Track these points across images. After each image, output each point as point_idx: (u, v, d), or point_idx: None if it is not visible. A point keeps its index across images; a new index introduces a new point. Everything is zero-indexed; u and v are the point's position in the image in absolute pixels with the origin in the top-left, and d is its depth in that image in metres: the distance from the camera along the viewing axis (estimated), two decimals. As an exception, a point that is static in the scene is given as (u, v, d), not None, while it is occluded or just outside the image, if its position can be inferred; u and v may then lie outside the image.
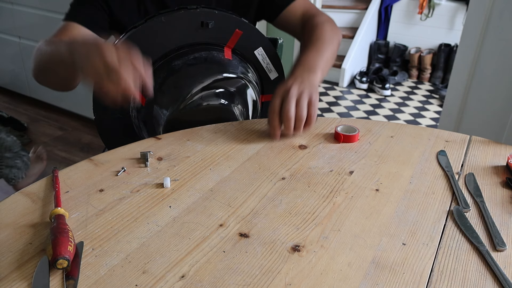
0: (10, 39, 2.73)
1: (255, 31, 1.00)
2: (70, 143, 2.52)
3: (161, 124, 0.93)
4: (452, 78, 1.81)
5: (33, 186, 0.70)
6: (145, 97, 0.95)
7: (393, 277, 0.55)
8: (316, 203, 0.69)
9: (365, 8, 3.52)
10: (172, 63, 0.95)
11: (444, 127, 1.87)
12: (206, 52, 0.97)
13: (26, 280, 0.53)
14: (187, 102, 0.92)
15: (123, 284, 0.53)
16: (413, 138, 0.90)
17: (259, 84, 1.06)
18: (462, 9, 3.33)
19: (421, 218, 0.66)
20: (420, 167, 0.80)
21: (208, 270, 0.55)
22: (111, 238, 0.60)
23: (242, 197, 0.70)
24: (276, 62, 1.06)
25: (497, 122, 1.72)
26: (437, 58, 3.49)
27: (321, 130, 0.92)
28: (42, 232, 0.60)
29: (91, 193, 0.69)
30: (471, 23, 1.69)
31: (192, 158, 0.80)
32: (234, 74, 0.96)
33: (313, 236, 0.62)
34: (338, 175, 0.76)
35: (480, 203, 0.70)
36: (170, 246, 0.59)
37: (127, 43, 0.72)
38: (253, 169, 0.77)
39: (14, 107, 2.88)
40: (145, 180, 0.73)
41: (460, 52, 1.76)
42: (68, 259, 0.53)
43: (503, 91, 1.67)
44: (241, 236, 0.61)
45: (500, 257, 0.59)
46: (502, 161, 0.83)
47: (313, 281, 0.54)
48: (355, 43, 3.39)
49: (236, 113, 0.97)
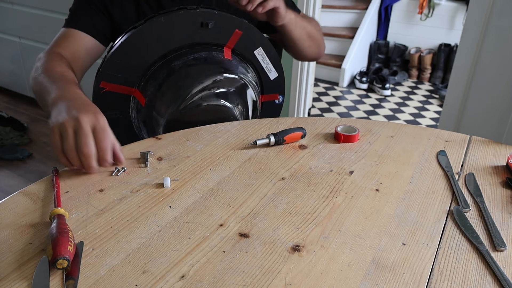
0: (10, 39, 2.73)
1: (255, 31, 1.00)
2: (70, 143, 2.52)
3: (161, 124, 0.93)
4: (452, 78, 1.81)
5: (33, 186, 0.70)
6: (145, 97, 0.95)
7: (393, 277, 0.55)
8: (316, 203, 0.69)
9: (365, 8, 3.52)
10: (172, 63, 0.95)
11: (444, 127, 1.87)
12: (206, 52, 0.97)
13: (26, 280, 0.53)
14: (187, 102, 0.92)
15: (123, 284, 0.53)
16: (413, 138, 0.90)
17: (259, 84, 1.06)
18: (462, 9, 3.33)
19: (421, 218, 0.66)
20: (420, 167, 0.80)
21: (208, 270, 0.55)
22: (111, 238, 0.60)
23: (242, 197, 0.70)
24: (276, 62, 1.06)
25: (497, 122, 1.72)
26: (437, 58, 3.49)
27: (321, 130, 0.92)
28: (42, 232, 0.60)
29: (91, 193, 0.69)
30: (471, 23, 1.69)
31: (192, 158, 0.80)
32: (234, 74, 0.96)
33: (313, 236, 0.62)
34: (338, 175, 0.76)
35: (480, 203, 0.70)
36: (170, 246, 0.59)
37: (105, 123, 0.71)
38: (253, 169, 0.77)
39: (14, 107, 2.88)
40: (145, 180, 0.73)
41: (460, 52, 1.76)
42: (68, 259, 0.53)
43: (503, 91, 1.67)
44: (241, 236, 0.61)
45: (500, 257, 0.59)
46: (502, 161, 0.83)
47: (313, 281, 0.54)
48: (355, 43, 3.39)
49: (236, 113, 0.96)
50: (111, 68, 0.93)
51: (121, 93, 0.96)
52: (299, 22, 1.05)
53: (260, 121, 0.94)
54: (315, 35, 1.12)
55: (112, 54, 0.93)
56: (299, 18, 1.05)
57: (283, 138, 0.84)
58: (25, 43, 2.66)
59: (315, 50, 1.16)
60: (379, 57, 3.62)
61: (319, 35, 1.15)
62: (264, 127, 0.92)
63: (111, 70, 0.93)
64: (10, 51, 2.77)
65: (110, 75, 0.93)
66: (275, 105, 1.12)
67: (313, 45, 1.13)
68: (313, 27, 1.12)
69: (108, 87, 0.94)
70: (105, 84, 0.94)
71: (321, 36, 1.17)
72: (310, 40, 1.11)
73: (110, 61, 0.93)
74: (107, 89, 0.94)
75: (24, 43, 2.66)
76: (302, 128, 0.87)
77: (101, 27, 1.03)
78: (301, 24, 1.06)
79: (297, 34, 1.05)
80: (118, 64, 0.93)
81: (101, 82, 0.94)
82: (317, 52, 1.17)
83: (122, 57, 0.93)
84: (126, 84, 0.95)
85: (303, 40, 1.08)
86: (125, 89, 0.96)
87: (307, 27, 1.08)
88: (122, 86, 0.95)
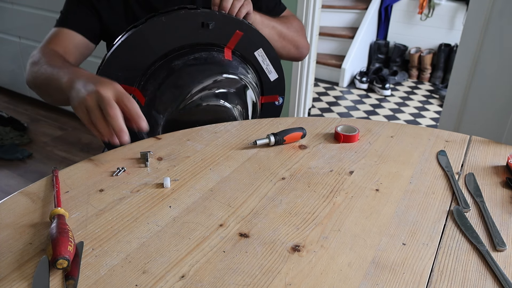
0: (10, 39, 2.73)
1: (256, 32, 1.00)
2: (70, 143, 2.52)
3: (160, 124, 0.93)
4: (452, 78, 1.81)
5: (33, 186, 0.70)
6: (145, 97, 0.95)
7: (393, 277, 0.55)
8: (316, 203, 0.69)
9: (365, 8, 3.52)
10: (172, 63, 0.95)
11: (444, 127, 1.87)
12: (206, 52, 0.97)
13: (26, 280, 0.53)
14: (187, 102, 0.92)
15: (123, 284, 0.53)
16: (413, 138, 0.90)
17: (259, 85, 1.06)
18: (462, 9, 3.33)
19: (421, 218, 0.66)
20: (420, 167, 0.80)
21: (208, 270, 0.55)
22: (111, 238, 0.60)
23: (242, 197, 0.70)
24: (276, 63, 1.06)
25: (497, 122, 1.72)
26: (437, 58, 3.49)
27: (321, 130, 0.92)
28: (42, 232, 0.60)
29: (91, 193, 0.69)
30: (471, 23, 1.69)
31: (192, 158, 0.80)
32: (234, 75, 0.96)
33: (313, 236, 0.62)
34: (338, 175, 0.76)
35: (480, 203, 0.70)
36: (170, 246, 0.59)
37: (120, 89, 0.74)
38: (253, 169, 0.77)
39: (14, 107, 2.88)
40: (145, 180, 0.73)
41: (460, 52, 1.76)
42: (68, 259, 0.53)
43: (503, 91, 1.68)
44: (241, 236, 0.61)
45: (500, 257, 0.59)
46: (502, 161, 0.83)
47: (313, 281, 0.54)
48: (355, 43, 3.39)
49: (236, 113, 0.97)
50: (111, 66, 0.93)
51: None
52: (265, 22, 1.07)
53: (260, 121, 0.94)
54: (288, 35, 1.13)
55: (112, 53, 0.93)
56: (265, 18, 1.07)
57: (283, 138, 0.84)
58: (25, 43, 2.66)
59: (292, 51, 1.16)
60: (379, 57, 3.62)
61: (296, 36, 1.15)
62: (264, 127, 0.92)
63: (111, 69, 0.93)
64: (10, 51, 2.77)
65: (110, 73, 0.93)
66: (275, 107, 1.12)
67: (288, 45, 1.14)
68: (288, 28, 1.13)
69: None
70: None
71: (300, 36, 1.17)
72: (283, 40, 1.12)
73: (111, 60, 0.93)
74: None
75: (24, 43, 2.66)
76: (302, 128, 0.87)
77: (90, 25, 1.05)
78: (268, 24, 1.08)
79: (265, 33, 1.06)
80: (118, 63, 0.93)
81: None
82: (295, 53, 1.17)
83: (123, 56, 0.93)
84: (126, 83, 0.95)
85: (274, 40, 1.09)
86: (125, 88, 0.96)
87: (277, 27, 1.10)
88: (122, 85, 0.95)
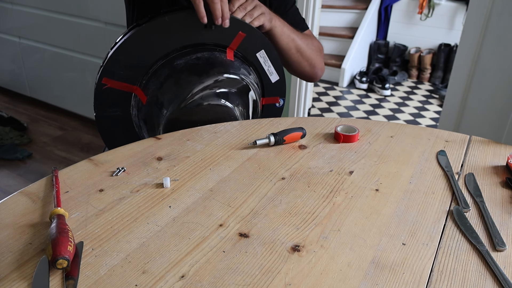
0: (10, 39, 2.73)
1: (258, 34, 1.00)
2: (70, 143, 2.52)
3: (161, 123, 0.94)
4: (452, 78, 1.81)
5: (33, 186, 0.70)
6: (146, 96, 0.95)
7: (393, 277, 0.55)
8: (316, 203, 0.69)
9: (365, 8, 3.52)
10: (174, 62, 0.95)
11: (444, 127, 1.87)
12: (209, 52, 0.98)
13: (26, 280, 0.53)
14: (188, 101, 0.92)
15: (123, 284, 0.53)
16: (413, 138, 0.90)
17: (260, 87, 1.07)
18: (462, 9, 3.33)
19: (421, 218, 0.66)
20: (420, 167, 0.80)
21: (208, 270, 0.55)
22: (111, 238, 0.60)
23: (242, 197, 0.70)
24: (278, 65, 1.06)
25: (497, 122, 1.72)
26: (437, 58, 3.49)
27: (321, 130, 0.92)
28: (42, 232, 0.60)
29: (91, 193, 0.69)
30: (471, 23, 1.69)
31: (192, 158, 0.80)
32: (235, 75, 0.96)
33: (313, 236, 0.62)
34: (338, 175, 0.76)
35: (480, 203, 0.70)
36: (170, 246, 0.59)
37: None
38: (253, 169, 0.77)
39: (14, 107, 2.88)
40: (145, 180, 0.73)
41: (460, 52, 1.76)
42: (68, 259, 0.53)
43: (503, 91, 1.67)
44: (241, 236, 0.61)
45: (500, 257, 0.59)
46: (502, 161, 0.83)
47: (313, 281, 0.54)
48: (355, 43, 3.39)
49: (236, 113, 0.97)
50: (114, 64, 0.94)
51: (122, 90, 0.96)
52: (286, 32, 1.07)
53: (260, 121, 0.94)
54: (306, 52, 1.12)
55: (115, 51, 0.93)
56: (287, 27, 1.07)
57: (283, 138, 0.84)
58: (25, 43, 2.66)
59: (306, 69, 1.16)
60: (379, 57, 3.62)
61: (313, 54, 1.14)
62: (264, 127, 0.92)
63: (114, 67, 0.94)
64: (10, 51, 2.77)
65: (113, 71, 0.94)
66: (276, 109, 1.12)
67: (304, 62, 1.14)
68: (308, 45, 1.13)
69: (110, 83, 0.95)
70: (107, 80, 0.94)
71: (318, 57, 1.16)
72: (300, 55, 1.12)
73: (113, 58, 0.94)
74: (108, 85, 0.95)
75: (24, 43, 2.66)
76: (302, 128, 0.87)
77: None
78: (289, 35, 1.07)
79: (283, 43, 1.06)
80: (121, 61, 0.94)
81: (103, 78, 0.94)
82: (310, 71, 1.17)
83: (125, 54, 0.93)
84: (128, 82, 0.95)
85: (290, 53, 1.09)
86: (127, 87, 0.96)
87: (296, 40, 1.09)
88: (124, 83, 0.96)
